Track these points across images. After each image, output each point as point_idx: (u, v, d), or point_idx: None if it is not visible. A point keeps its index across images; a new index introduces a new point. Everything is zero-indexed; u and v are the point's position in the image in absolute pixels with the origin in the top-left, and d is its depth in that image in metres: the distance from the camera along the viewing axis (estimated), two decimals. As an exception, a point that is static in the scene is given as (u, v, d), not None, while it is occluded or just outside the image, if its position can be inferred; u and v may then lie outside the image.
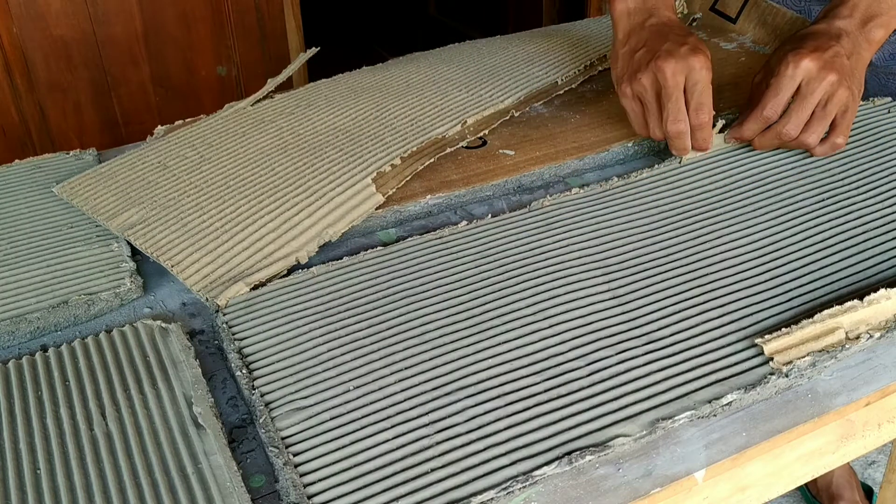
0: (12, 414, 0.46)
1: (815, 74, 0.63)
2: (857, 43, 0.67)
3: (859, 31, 0.67)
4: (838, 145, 0.67)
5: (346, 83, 0.83)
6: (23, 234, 0.62)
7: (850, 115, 0.66)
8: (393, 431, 0.44)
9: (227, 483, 0.41)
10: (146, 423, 0.45)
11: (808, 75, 0.64)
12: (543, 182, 0.69)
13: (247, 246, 0.59)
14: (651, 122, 0.67)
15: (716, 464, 0.44)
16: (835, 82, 0.63)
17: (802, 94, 0.64)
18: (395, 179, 0.66)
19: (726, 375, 0.47)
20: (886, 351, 0.51)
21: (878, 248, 0.57)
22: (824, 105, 0.64)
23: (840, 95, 0.64)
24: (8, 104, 1.52)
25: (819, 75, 0.63)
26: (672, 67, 0.64)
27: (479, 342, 0.50)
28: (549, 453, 0.43)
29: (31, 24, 1.48)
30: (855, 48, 0.66)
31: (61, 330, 0.54)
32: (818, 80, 0.63)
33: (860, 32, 0.67)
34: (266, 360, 0.49)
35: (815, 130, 0.65)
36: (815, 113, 0.65)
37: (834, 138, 0.66)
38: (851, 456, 0.52)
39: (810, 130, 0.65)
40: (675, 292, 0.53)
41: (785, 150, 0.69)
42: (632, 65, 0.69)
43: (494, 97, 0.78)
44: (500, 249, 0.58)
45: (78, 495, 0.41)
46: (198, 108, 1.67)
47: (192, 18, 1.62)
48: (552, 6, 2.38)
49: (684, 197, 0.63)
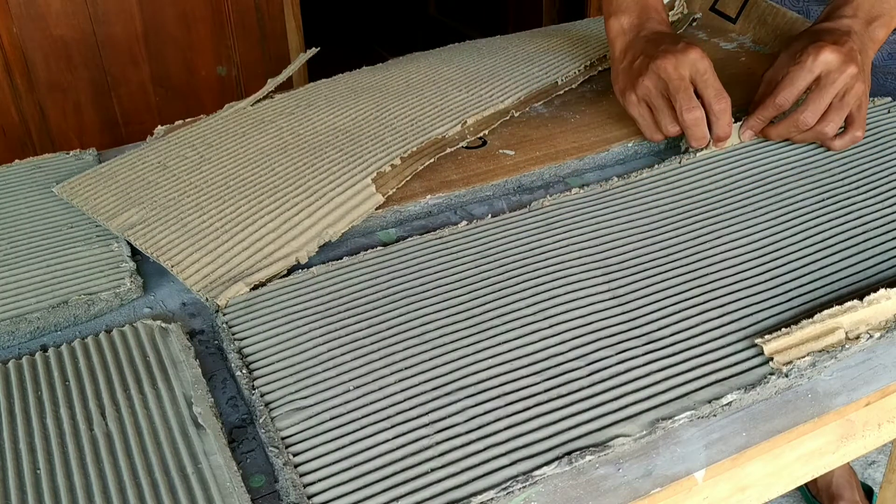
0: (12, 414, 0.46)
1: (836, 66, 0.64)
2: (864, 42, 0.67)
3: (864, 30, 0.68)
4: (857, 138, 0.67)
5: (346, 83, 0.83)
6: (23, 234, 0.62)
7: (864, 109, 0.66)
8: (393, 431, 0.44)
9: (227, 483, 0.41)
10: (146, 423, 0.45)
11: (829, 66, 0.64)
12: (543, 182, 0.69)
13: (247, 246, 0.59)
14: (664, 121, 0.68)
15: (716, 464, 0.44)
16: (854, 75, 0.64)
17: (822, 84, 0.64)
18: (395, 179, 0.66)
19: (726, 375, 0.47)
20: (886, 351, 0.51)
21: (878, 248, 0.57)
22: (842, 97, 0.65)
23: (857, 89, 0.65)
24: (8, 104, 1.52)
25: (840, 67, 0.64)
26: (672, 63, 0.65)
27: (479, 342, 0.50)
28: (549, 453, 0.43)
29: (31, 24, 1.48)
30: (863, 46, 0.67)
31: (61, 330, 0.54)
32: (839, 72, 0.64)
33: (865, 32, 0.68)
34: (266, 360, 0.49)
35: (832, 120, 0.65)
36: (833, 104, 0.65)
37: (853, 131, 0.67)
38: (851, 456, 0.52)
39: (828, 120, 0.65)
40: (675, 292, 0.53)
41: (785, 149, 0.69)
42: (632, 73, 0.69)
43: (494, 97, 0.78)
44: (500, 249, 0.58)
45: (78, 495, 0.41)
46: (198, 108, 1.67)
47: (192, 18, 1.62)
48: (552, 6, 2.38)
49: (684, 197, 0.63)
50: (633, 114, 0.70)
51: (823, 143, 0.68)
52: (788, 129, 0.67)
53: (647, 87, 0.67)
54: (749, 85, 0.76)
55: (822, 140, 0.67)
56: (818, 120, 0.66)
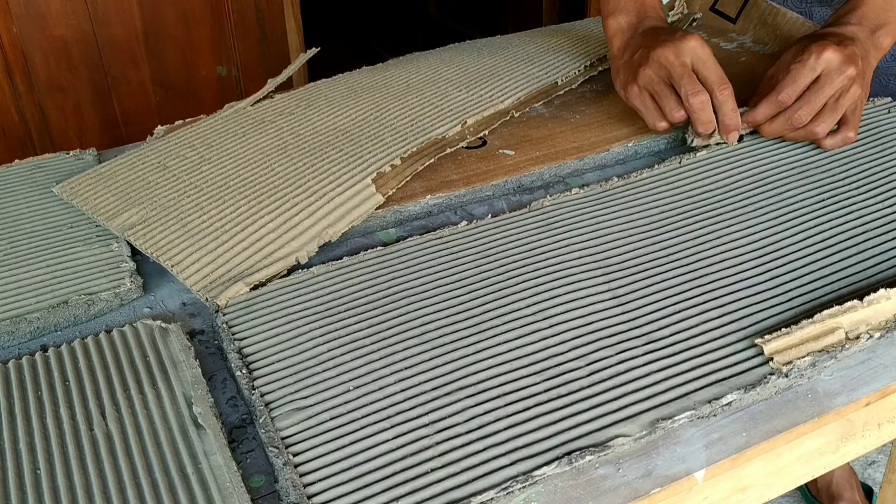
0: (12, 414, 0.46)
1: (836, 66, 0.64)
2: (867, 49, 0.68)
3: (869, 37, 0.69)
4: (850, 139, 0.67)
5: (346, 83, 0.83)
6: (23, 234, 0.62)
7: (859, 112, 0.67)
8: (393, 431, 0.44)
9: (226, 483, 0.41)
10: (146, 423, 0.45)
11: (830, 66, 0.64)
12: (543, 182, 0.69)
13: (247, 246, 0.59)
14: (668, 106, 0.67)
15: (716, 464, 0.44)
16: (853, 77, 0.65)
17: (820, 84, 0.65)
18: (395, 180, 0.66)
19: (726, 375, 0.47)
20: (886, 351, 0.51)
21: (878, 248, 0.57)
22: (837, 98, 0.65)
23: (854, 91, 0.65)
24: (8, 104, 1.52)
25: (840, 68, 0.64)
26: (673, 51, 0.66)
27: (479, 342, 0.50)
28: (549, 453, 0.43)
29: (31, 24, 1.48)
30: (865, 53, 0.67)
31: (61, 330, 0.54)
32: (838, 73, 0.64)
33: (869, 39, 0.69)
34: (266, 360, 0.49)
35: (825, 121, 0.66)
36: (828, 104, 0.66)
37: (846, 132, 0.67)
38: (851, 456, 0.52)
39: (820, 120, 0.66)
40: (675, 292, 0.53)
41: (785, 149, 0.69)
42: (632, 65, 0.69)
43: (494, 97, 0.78)
44: (500, 249, 0.58)
45: (78, 495, 0.41)
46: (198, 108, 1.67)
47: (192, 18, 1.62)
48: (552, 6, 2.38)
49: (684, 197, 0.63)
50: (635, 104, 0.70)
51: (815, 142, 0.68)
52: (782, 126, 0.67)
53: (649, 75, 0.67)
54: (749, 85, 0.76)
55: (813, 139, 0.67)
56: (811, 119, 0.66)
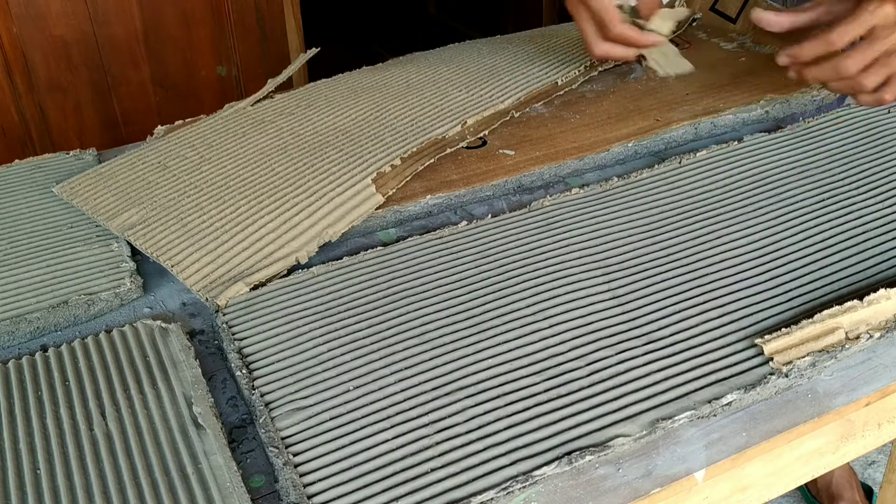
0: (12, 414, 0.46)
1: (893, 22, 0.63)
2: None
3: None
4: (885, 101, 0.66)
5: (346, 83, 0.83)
6: (23, 234, 0.62)
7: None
8: (393, 431, 0.44)
9: (226, 483, 0.41)
10: (146, 423, 0.45)
11: (886, 21, 0.63)
12: (543, 182, 0.69)
13: (247, 246, 0.59)
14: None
15: (716, 464, 0.44)
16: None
17: (875, 36, 0.63)
18: (395, 180, 0.66)
19: (726, 375, 0.47)
20: (886, 351, 0.51)
21: (878, 248, 0.57)
22: (890, 54, 0.64)
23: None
24: (8, 104, 1.52)
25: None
26: None
27: (479, 342, 0.50)
28: (549, 453, 0.43)
29: (31, 24, 1.48)
30: None
31: (61, 330, 0.54)
32: (893, 29, 0.63)
33: None
34: (266, 360, 0.49)
35: (875, 73, 0.65)
36: (880, 59, 0.64)
37: (883, 93, 0.66)
38: (851, 456, 0.52)
39: (871, 72, 0.64)
40: (675, 292, 0.53)
41: (785, 149, 0.68)
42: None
43: (494, 97, 0.78)
44: (500, 249, 0.58)
45: (78, 495, 0.41)
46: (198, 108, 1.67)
47: (192, 18, 1.61)
48: (552, 6, 2.38)
49: (684, 197, 0.63)
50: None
51: (855, 95, 0.67)
52: (829, 73, 0.66)
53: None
54: (749, 85, 0.76)
55: (857, 93, 0.66)
56: (860, 70, 0.64)
